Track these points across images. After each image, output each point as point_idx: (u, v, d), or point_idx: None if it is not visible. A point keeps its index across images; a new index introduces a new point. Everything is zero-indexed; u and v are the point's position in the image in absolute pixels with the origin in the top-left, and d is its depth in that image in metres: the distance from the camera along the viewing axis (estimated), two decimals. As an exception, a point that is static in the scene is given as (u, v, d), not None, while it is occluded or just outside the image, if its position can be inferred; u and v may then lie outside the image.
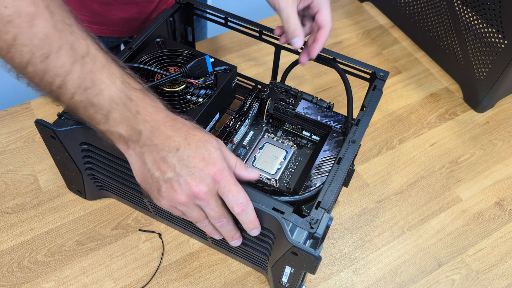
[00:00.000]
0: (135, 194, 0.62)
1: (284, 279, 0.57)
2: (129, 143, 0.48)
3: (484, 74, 0.85)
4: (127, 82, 0.47)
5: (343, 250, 0.69)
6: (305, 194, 0.56)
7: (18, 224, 0.68)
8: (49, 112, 0.81)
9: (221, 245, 0.63)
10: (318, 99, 0.68)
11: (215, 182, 0.47)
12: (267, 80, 0.87)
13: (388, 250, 0.70)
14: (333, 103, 0.68)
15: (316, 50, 0.62)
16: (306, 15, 0.64)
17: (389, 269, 0.68)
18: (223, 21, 0.72)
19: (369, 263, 0.68)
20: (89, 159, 0.60)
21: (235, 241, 0.52)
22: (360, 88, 0.88)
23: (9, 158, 0.75)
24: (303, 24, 0.63)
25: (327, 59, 0.67)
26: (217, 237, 0.52)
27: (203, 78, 0.61)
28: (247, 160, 0.66)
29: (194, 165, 0.46)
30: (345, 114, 0.65)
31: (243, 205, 0.48)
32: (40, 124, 0.56)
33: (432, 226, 0.73)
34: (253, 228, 0.50)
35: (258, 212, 0.50)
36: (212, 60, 0.64)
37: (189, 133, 0.47)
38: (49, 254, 0.66)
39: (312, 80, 0.92)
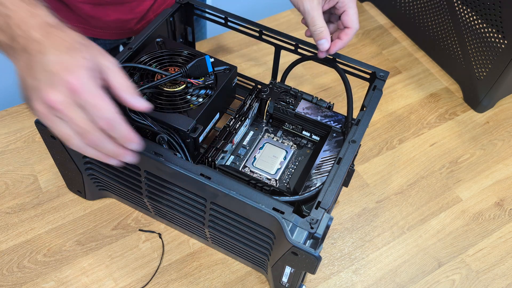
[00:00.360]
0: (135, 194, 0.62)
1: (284, 279, 0.57)
2: (7, 49, 0.46)
3: (484, 74, 0.85)
4: None
5: (343, 250, 0.69)
6: (305, 194, 0.56)
7: (18, 224, 0.68)
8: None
9: (221, 244, 0.63)
10: (318, 99, 0.68)
11: (73, 93, 0.43)
12: (267, 80, 0.87)
13: (388, 250, 0.70)
14: (333, 103, 0.68)
15: (336, 47, 0.62)
16: (333, 13, 0.65)
17: (389, 269, 0.68)
18: (223, 21, 0.72)
19: (369, 263, 0.68)
20: (88, 159, 0.61)
21: (115, 161, 0.47)
22: (360, 88, 0.88)
23: (9, 158, 0.75)
24: (329, 23, 0.63)
25: (326, 59, 0.67)
26: (110, 161, 0.47)
27: (203, 78, 0.61)
28: (247, 160, 0.66)
29: (54, 71, 0.43)
30: (345, 114, 0.65)
31: (108, 121, 0.43)
32: (40, 124, 0.56)
33: (432, 226, 0.73)
34: (129, 141, 0.46)
35: (258, 212, 0.50)
36: (212, 60, 0.64)
37: (61, 39, 0.44)
38: (49, 254, 0.66)
39: (312, 80, 0.92)
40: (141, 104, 0.46)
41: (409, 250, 0.70)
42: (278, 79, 0.75)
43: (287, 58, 0.73)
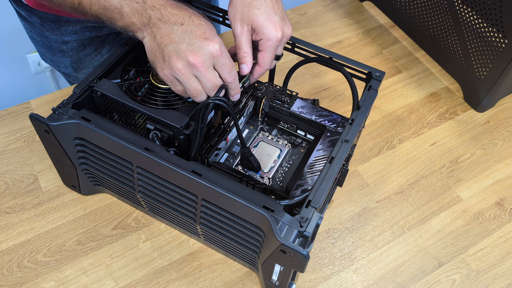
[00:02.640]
0: (127, 190, 0.62)
1: (274, 277, 0.57)
2: (143, 28, 0.56)
3: (485, 73, 0.84)
4: None
5: (343, 250, 0.69)
6: (296, 199, 0.55)
7: (18, 224, 0.68)
8: (49, 112, 0.81)
9: (213, 242, 0.63)
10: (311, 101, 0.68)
11: (213, 56, 0.54)
12: (264, 79, 0.87)
13: (388, 250, 0.70)
14: (318, 99, 0.69)
15: (251, 78, 0.66)
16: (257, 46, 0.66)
17: (389, 269, 0.68)
18: (220, 19, 0.72)
19: (370, 263, 0.68)
20: (82, 154, 0.61)
21: (237, 95, 0.60)
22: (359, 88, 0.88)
23: (9, 158, 0.75)
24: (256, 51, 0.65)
25: (329, 60, 0.67)
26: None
27: None
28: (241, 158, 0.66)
29: (196, 37, 0.53)
30: (342, 114, 0.66)
31: (234, 76, 0.57)
32: (35, 119, 0.56)
33: (432, 226, 0.73)
34: (237, 93, 0.59)
35: (247, 209, 0.50)
36: None
37: (194, 13, 0.56)
38: (49, 254, 0.66)
39: (312, 80, 0.92)
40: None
41: (409, 249, 0.70)
42: (276, 81, 0.74)
43: (286, 58, 0.73)
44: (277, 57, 0.65)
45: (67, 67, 0.90)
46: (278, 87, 0.69)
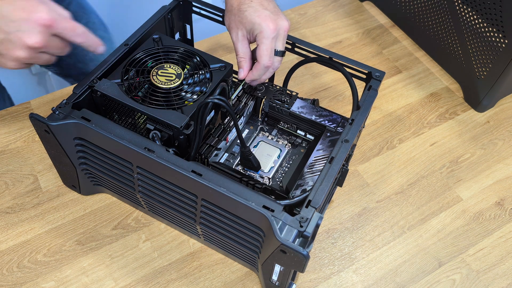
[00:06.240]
0: (127, 190, 0.62)
1: (274, 277, 0.57)
2: None
3: (485, 73, 0.84)
4: None
5: (343, 250, 0.69)
6: (295, 199, 0.55)
7: (18, 224, 0.68)
8: (49, 112, 0.81)
9: (213, 242, 0.63)
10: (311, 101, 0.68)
11: (47, 27, 0.49)
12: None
13: (388, 250, 0.70)
14: (318, 99, 0.69)
15: (250, 78, 0.64)
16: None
17: (389, 269, 0.68)
18: (220, 18, 0.72)
19: (370, 263, 0.68)
20: (82, 154, 0.61)
21: (100, 48, 0.57)
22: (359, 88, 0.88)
23: (9, 158, 0.75)
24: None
25: (329, 61, 0.67)
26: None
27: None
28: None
29: (18, 17, 0.48)
30: (342, 114, 0.66)
31: (83, 35, 0.53)
32: (35, 119, 0.56)
33: (432, 226, 0.73)
34: (98, 46, 0.56)
35: (247, 209, 0.50)
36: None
37: None
38: (49, 254, 0.66)
39: (312, 80, 0.92)
40: (83, 26, 0.54)
41: (409, 249, 0.70)
42: (276, 80, 0.75)
43: (286, 58, 0.73)
44: (278, 53, 0.63)
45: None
46: (278, 87, 0.69)
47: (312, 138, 0.68)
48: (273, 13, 0.61)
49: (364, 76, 0.67)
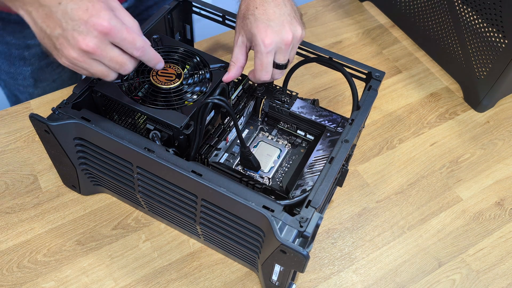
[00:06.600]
0: (127, 190, 0.62)
1: (274, 277, 0.57)
2: (16, 3, 0.48)
3: (485, 73, 0.84)
4: None
5: (343, 250, 0.69)
6: (295, 199, 0.55)
7: (18, 224, 0.68)
8: (49, 112, 0.81)
9: (213, 242, 0.63)
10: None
11: (105, 34, 0.47)
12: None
13: (388, 250, 0.70)
14: (318, 99, 0.69)
15: (253, 76, 0.62)
16: None
17: (389, 269, 0.68)
18: (220, 19, 0.72)
19: (370, 263, 0.68)
20: (82, 154, 0.61)
21: (159, 64, 0.55)
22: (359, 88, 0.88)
23: (9, 158, 0.75)
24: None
25: (330, 61, 0.67)
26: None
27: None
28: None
29: (78, 17, 0.46)
30: (342, 114, 0.66)
31: (142, 49, 0.50)
32: (35, 119, 0.56)
33: (432, 226, 0.73)
34: (157, 62, 0.54)
35: (247, 209, 0.50)
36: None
37: None
38: (49, 254, 0.66)
39: (312, 80, 0.92)
40: (145, 40, 0.51)
41: (409, 249, 0.70)
42: (276, 80, 0.74)
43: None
44: (277, 66, 0.60)
45: (26, 78, 0.85)
46: (278, 87, 0.69)
47: (312, 138, 0.68)
48: (277, 25, 0.57)
49: (364, 76, 0.67)
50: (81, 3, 0.46)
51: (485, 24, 0.80)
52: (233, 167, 0.64)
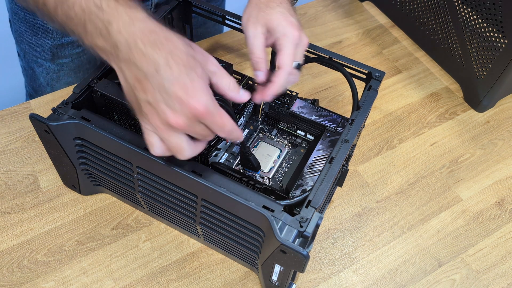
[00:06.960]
0: (127, 190, 0.62)
1: (274, 277, 0.57)
2: (110, 57, 0.45)
3: (485, 73, 0.84)
4: None
5: (343, 250, 0.69)
6: (295, 199, 0.55)
7: (18, 224, 0.68)
8: (49, 112, 0.81)
9: (214, 242, 0.63)
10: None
11: (197, 116, 0.44)
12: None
13: (388, 250, 0.70)
14: (318, 99, 0.69)
15: (270, 92, 0.54)
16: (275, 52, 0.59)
17: (389, 269, 0.68)
18: (220, 19, 0.72)
19: (370, 263, 0.68)
20: (82, 154, 0.61)
21: (239, 139, 0.51)
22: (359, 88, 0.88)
23: (9, 158, 0.75)
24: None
25: (330, 61, 0.67)
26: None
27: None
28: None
29: (175, 94, 0.42)
30: (342, 114, 0.66)
31: (229, 132, 0.47)
32: (34, 119, 0.56)
33: (432, 226, 0.73)
34: (238, 139, 0.50)
35: (247, 209, 0.50)
36: None
37: (172, 52, 0.43)
38: (49, 254, 0.66)
39: (312, 80, 0.92)
40: (245, 96, 0.49)
41: (409, 249, 0.70)
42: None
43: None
44: (296, 65, 0.56)
45: (45, 51, 0.82)
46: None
47: (312, 138, 0.68)
48: (298, 22, 0.56)
49: (364, 76, 0.67)
50: (180, 78, 0.42)
51: (485, 24, 0.80)
52: (233, 167, 0.64)
